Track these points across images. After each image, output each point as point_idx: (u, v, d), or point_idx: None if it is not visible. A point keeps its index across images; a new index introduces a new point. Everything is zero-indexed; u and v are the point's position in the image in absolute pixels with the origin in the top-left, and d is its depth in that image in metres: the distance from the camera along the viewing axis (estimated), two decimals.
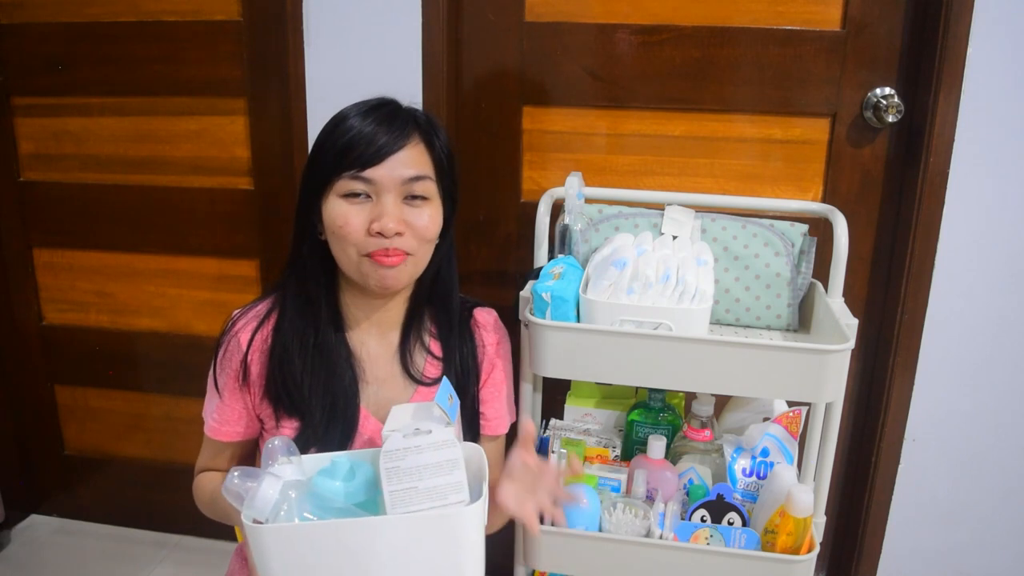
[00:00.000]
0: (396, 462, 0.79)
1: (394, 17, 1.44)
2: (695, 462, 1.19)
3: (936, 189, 1.36)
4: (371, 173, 0.91)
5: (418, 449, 0.79)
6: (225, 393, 1.01)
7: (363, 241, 0.92)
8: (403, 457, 0.79)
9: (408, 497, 0.78)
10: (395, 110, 0.95)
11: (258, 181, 1.62)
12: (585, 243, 1.26)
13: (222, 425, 1.01)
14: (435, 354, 1.05)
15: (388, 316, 1.03)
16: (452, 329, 1.05)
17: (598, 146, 1.51)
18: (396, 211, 0.92)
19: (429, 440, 0.79)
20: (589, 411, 1.33)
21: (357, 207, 0.92)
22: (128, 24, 1.57)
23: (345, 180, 0.91)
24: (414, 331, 1.04)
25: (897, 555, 1.58)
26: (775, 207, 1.31)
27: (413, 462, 0.79)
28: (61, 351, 1.84)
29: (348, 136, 0.91)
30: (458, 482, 0.79)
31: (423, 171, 0.94)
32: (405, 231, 0.92)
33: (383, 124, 0.92)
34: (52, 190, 1.72)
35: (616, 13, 1.44)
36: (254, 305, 1.03)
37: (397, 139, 0.92)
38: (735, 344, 1.03)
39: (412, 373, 1.03)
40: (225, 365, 1.00)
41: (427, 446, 0.79)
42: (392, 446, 0.79)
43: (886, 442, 1.50)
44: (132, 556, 1.83)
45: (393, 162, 0.91)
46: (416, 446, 0.79)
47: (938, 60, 1.30)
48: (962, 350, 1.44)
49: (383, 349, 1.03)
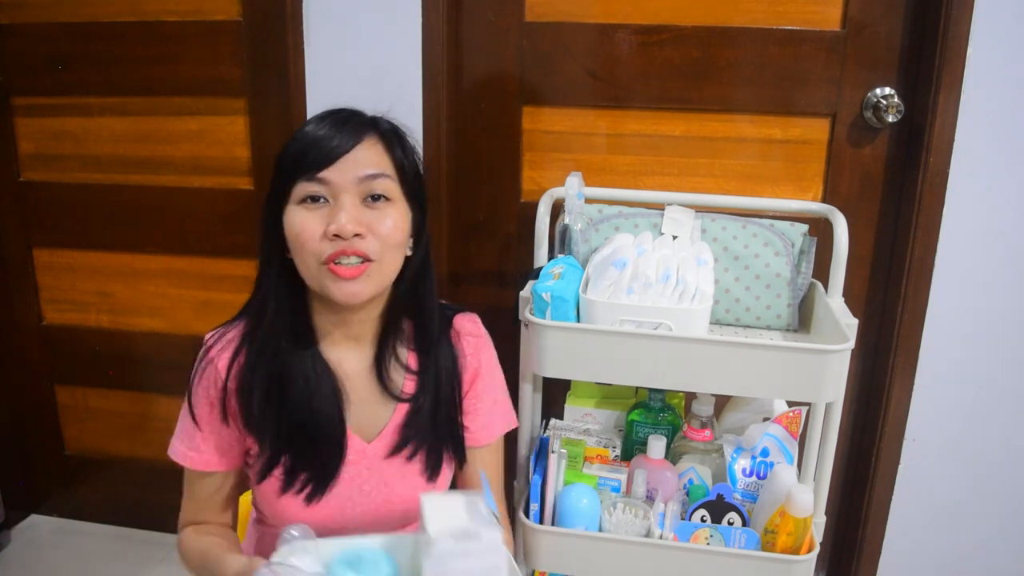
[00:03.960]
0: (442, 566, 0.77)
1: (394, 17, 1.44)
2: (695, 462, 1.19)
3: (936, 189, 1.36)
4: (325, 174, 0.87)
5: (466, 554, 0.77)
6: (205, 424, 0.97)
7: (320, 247, 0.87)
8: (450, 562, 0.77)
9: None
10: (351, 114, 0.93)
11: (258, 181, 1.62)
12: (585, 243, 1.26)
13: (203, 454, 0.98)
14: (411, 368, 1.00)
15: (363, 330, 0.99)
16: (430, 343, 1.01)
17: (598, 146, 1.51)
18: (354, 211, 0.87)
19: (478, 547, 0.77)
20: (589, 411, 1.33)
21: (314, 213, 0.88)
22: (128, 24, 1.57)
23: (301, 184, 0.88)
24: (389, 347, 1.00)
25: (897, 555, 1.58)
26: (775, 207, 1.31)
27: (460, 567, 0.77)
28: (61, 351, 1.84)
29: (303, 142, 0.89)
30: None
31: (380, 168, 0.89)
32: (366, 233, 0.88)
33: (335, 126, 0.89)
34: (52, 190, 1.72)
35: (616, 13, 1.44)
36: (226, 329, 0.98)
37: (350, 138, 0.89)
38: (735, 344, 1.03)
39: (391, 390, 0.99)
40: (202, 395, 0.96)
41: (475, 552, 0.77)
42: (442, 549, 0.77)
43: (886, 442, 1.50)
44: (132, 556, 1.82)
45: (347, 161, 0.88)
46: (464, 551, 0.77)
47: (938, 60, 1.30)
48: (962, 350, 1.44)
49: (361, 366, 0.99)
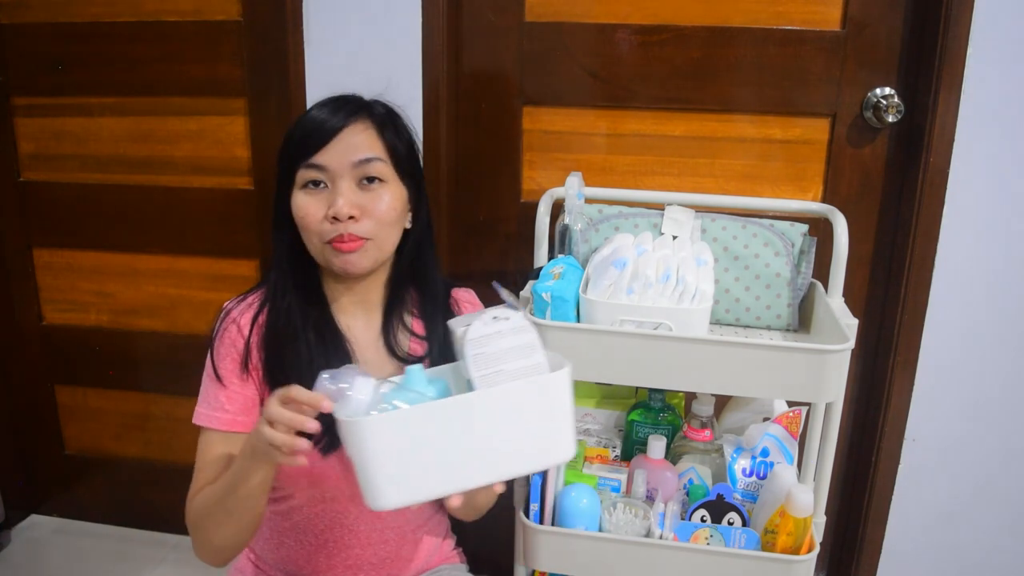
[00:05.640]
0: (481, 348, 0.80)
1: (394, 17, 1.44)
2: (695, 462, 1.19)
3: (936, 189, 1.36)
4: (321, 158, 0.95)
5: (499, 334, 0.81)
6: (231, 381, 1.00)
7: (321, 229, 0.96)
8: (487, 343, 0.80)
9: (496, 380, 0.79)
10: (347, 98, 1.00)
11: (258, 181, 1.62)
12: (585, 243, 1.26)
13: (228, 414, 1.00)
14: (418, 333, 1.08)
15: (370, 297, 1.06)
16: (435, 308, 1.09)
17: (598, 146, 1.51)
18: (350, 195, 0.95)
19: (509, 325, 0.81)
20: (589, 411, 1.33)
21: (315, 197, 0.96)
22: (128, 24, 1.57)
23: (303, 170, 0.96)
24: (396, 312, 1.07)
25: (897, 555, 1.58)
26: (775, 207, 1.31)
27: (496, 346, 0.80)
28: (61, 351, 1.84)
29: (304, 128, 0.97)
30: (539, 363, 0.81)
31: (373, 153, 0.97)
32: (360, 216, 0.96)
33: (331, 110, 0.97)
34: (52, 190, 1.72)
35: (616, 13, 1.44)
36: (245, 297, 1.05)
37: (342, 119, 0.96)
38: (735, 344, 1.03)
39: (397, 353, 1.05)
40: (224, 353, 1.01)
41: (507, 331, 0.81)
42: (476, 333, 0.80)
43: (886, 442, 1.50)
44: (132, 556, 1.82)
45: (340, 144, 0.95)
46: (498, 331, 0.81)
47: (938, 60, 1.30)
48: (962, 350, 1.44)
49: (368, 331, 1.06)
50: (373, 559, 1.08)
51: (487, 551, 1.49)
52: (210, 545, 0.97)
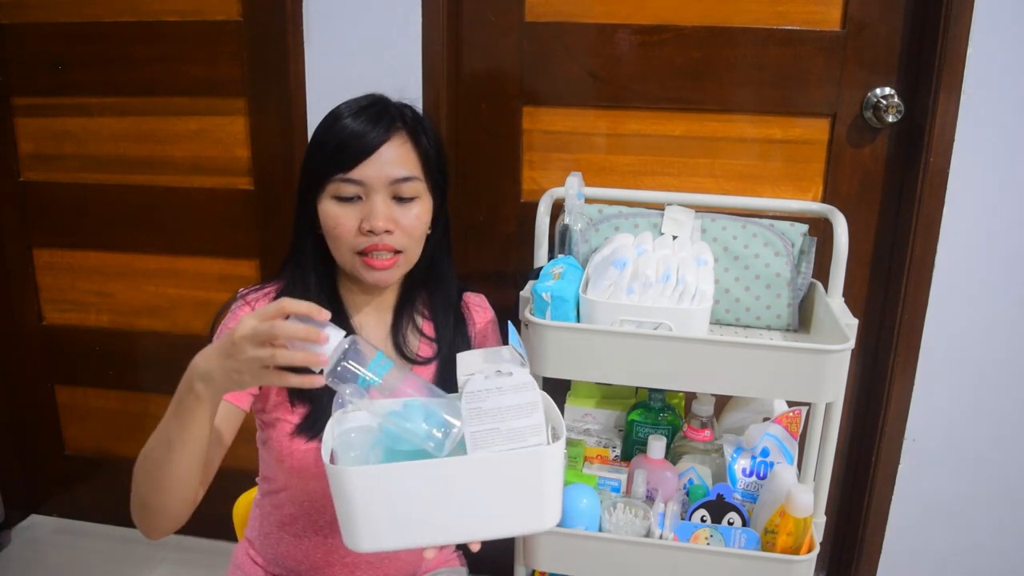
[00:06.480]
0: (478, 403, 0.79)
1: (394, 17, 1.44)
2: (695, 462, 1.19)
3: (936, 189, 1.36)
4: (359, 174, 0.95)
5: (500, 391, 0.79)
6: None
7: (354, 240, 0.97)
8: (485, 399, 0.79)
9: (490, 438, 0.78)
10: (383, 108, 0.99)
11: (258, 181, 1.62)
12: (585, 243, 1.26)
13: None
14: (428, 335, 1.09)
15: (384, 299, 1.08)
16: (446, 310, 1.10)
17: (598, 146, 1.51)
18: (385, 210, 0.96)
19: (510, 382, 0.79)
20: (589, 411, 1.33)
21: (348, 208, 0.97)
22: (128, 24, 1.57)
23: (336, 183, 0.96)
24: (407, 313, 1.08)
25: (897, 555, 1.58)
26: (775, 207, 1.31)
27: (495, 403, 0.79)
28: (61, 351, 1.84)
29: (339, 138, 0.96)
30: (537, 424, 0.79)
31: (410, 171, 0.98)
32: (395, 229, 0.97)
33: (370, 122, 0.96)
34: (52, 190, 1.72)
35: (616, 13, 1.44)
36: (263, 286, 1.06)
37: (382, 134, 0.96)
38: (735, 344, 1.03)
39: (406, 353, 1.07)
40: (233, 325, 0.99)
41: (508, 388, 0.79)
42: (475, 387, 0.79)
43: (886, 442, 1.50)
44: (132, 556, 1.83)
45: (380, 161, 0.96)
46: (498, 387, 0.79)
47: (938, 60, 1.30)
48: (962, 350, 1.44)
49: (379, 331, 1.08)
50: (371, 557, 1.09)
51: (487, 551, 1.49)
52: (140, 503, 0.98)
